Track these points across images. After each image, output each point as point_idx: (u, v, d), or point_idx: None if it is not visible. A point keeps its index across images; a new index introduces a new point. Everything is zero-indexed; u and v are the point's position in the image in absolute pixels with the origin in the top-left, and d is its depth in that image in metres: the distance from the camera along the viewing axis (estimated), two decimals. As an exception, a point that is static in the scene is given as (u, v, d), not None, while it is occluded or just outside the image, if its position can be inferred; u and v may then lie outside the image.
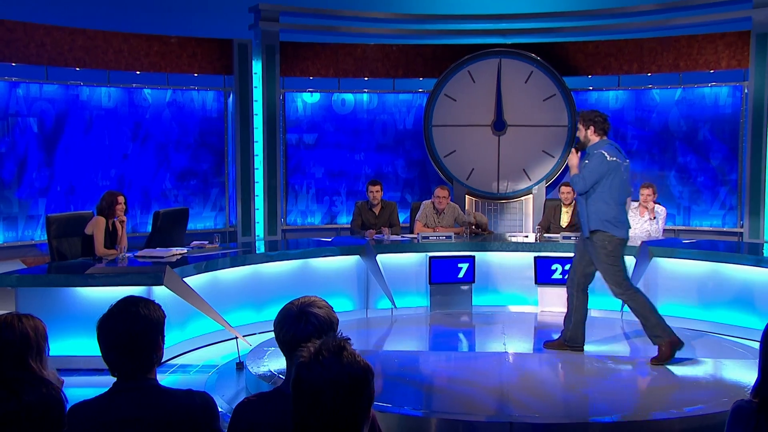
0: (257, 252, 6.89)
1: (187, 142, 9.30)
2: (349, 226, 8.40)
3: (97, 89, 8.70)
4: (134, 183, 9.02)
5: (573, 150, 5.31)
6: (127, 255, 6.04)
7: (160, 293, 5.33)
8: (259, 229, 9.35)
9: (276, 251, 6.85)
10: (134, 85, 8.93)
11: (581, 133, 5.24)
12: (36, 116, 8.25)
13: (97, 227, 6.26)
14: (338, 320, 2.27)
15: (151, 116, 9.08)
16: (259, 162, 9.31)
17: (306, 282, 6.70)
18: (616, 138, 9.37)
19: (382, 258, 6.89)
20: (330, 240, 7.44)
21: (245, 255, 6.50)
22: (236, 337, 5.59)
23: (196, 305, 5.50)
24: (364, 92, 9.77)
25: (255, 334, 6.24)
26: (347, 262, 6.91)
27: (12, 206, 8.14)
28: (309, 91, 9.69)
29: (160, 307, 2.27)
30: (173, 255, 6.16)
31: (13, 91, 8.06)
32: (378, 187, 7.72)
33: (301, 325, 2.17)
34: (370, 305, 6.96)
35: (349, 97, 9.75)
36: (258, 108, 9.25)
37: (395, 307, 6.82)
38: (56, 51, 8.40)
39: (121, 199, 6.42)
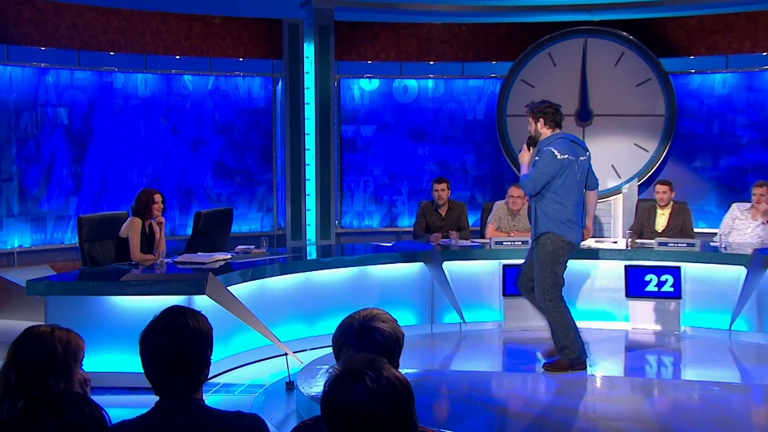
0: (309, 258, 6.94)
1: (231, 135, 9.45)
2: (411, 229, 8.40)
3: (132, 76, 8.91)
4: (173, 180, 9.21)
5: (525, 146, 5.50)
6: (165, 260, 6.16)
7: (202, 303, 5.42)
8: (311, 233, 9.43)
9: (330, 257, 6.89)
10: (173, 71, 9.12)
11: (531, 127, 5.43)
12: (66, 106, 8.50)
13: (132, 229, 6.41)
14: (404, 335, 2.28)
15: (192, 106, 9.25)
16: (310, 157, 9.39)
17: (363, 292, 6.73)
18: (723, 128, 9.14)
19: (449, 266, 6.88)
20: (390, 245, 7.45)
21: (295, 261, 6.56)
22: (286, 354, 5.64)
23: (242, 317, 5.58)
24: (429, 78, 9.76)
25: (306, 350, 6.28)
26: (410, 270, 6.92)
27: (40, 206, 8.40)
28: (367, 77, 9.74)
29: (206, 318, 2.30)
30: (216, 261, 6.25)
31: (42, 78, 8.32)
32: (444, 186, 7.71)
33: (365, 341, 2.19)
34: (436, 319, 6.96)
35: (412, 83, 9.76)
36: (310, 96, 9.33)
37: (464, 321, 6.80)
38: (89, 33, 8.65)
39: (158, 197, 6.56)
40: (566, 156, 5.30)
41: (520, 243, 7.02)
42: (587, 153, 5.50)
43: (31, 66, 8.22)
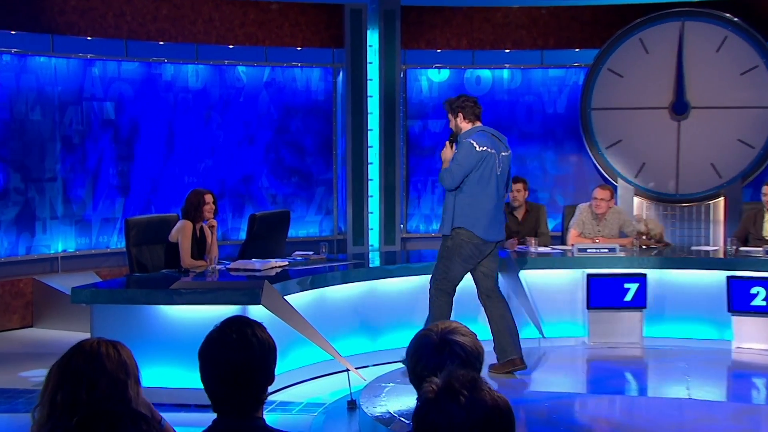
0: (372, 265, 6.97)
1: (288, 131, 9.54)
2: (484, 234, 8.35)
3: (183, 67, 9.07)
4: (225, 180, 9.34)
5: (447, 143, 5.74)
6: (217, 267, 6.23)
7: (256, 314, 5.47)
8: (374, 238, 9.46)
9: (395, 264, 6.89)
10: (226, 62, 9.25)
11: (451, 123, 5.71)
12: (113, 100, 8.69)
13: (182, 233, 6.50)
14: (484, 350, 2.28)
15: (246, 99, 9.37)
16: (374, 155, 9.43)
17: (431, 303, 6.71)
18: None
19: (526, 275, 6.84)
20: (461, 252, 7.42)
21: (357, 269, 6.59)
22: (347, 370, 5.65)
23: (300, 330, 5.61)
24: (505, 67, 9.71)
25: (369, 366, 6.30)
26: (483, 279, 6.89)
27: (85, 207, 8.61)
28: (436, 67, 9.73)
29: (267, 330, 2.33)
30: (272, 268, 6.30)
31: (88, 70, 8.53)
32: (521, 186, 7.66)
33: (445, 356, 2.19)
34: (512, 334, 6.91)
35: (485, 73, 9.72)
36: (374, 88, 9.37)
37: (544, 336, 6.74)
38: (137, 22, 8.83)
39: (209, 198, 6.64)
40: (485, 148, 5.55)
41: (606, 250, 6.94)
42: (509, 151, 5.78)
43: (77, 57, 8.42)
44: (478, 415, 1.69)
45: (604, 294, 6.77)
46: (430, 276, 5.86)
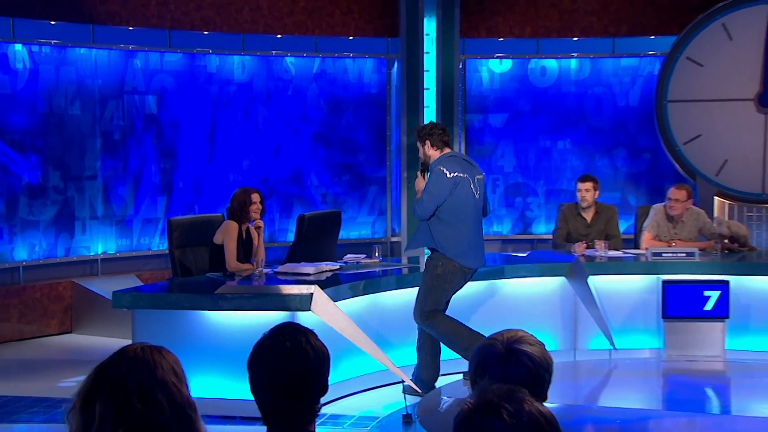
0: (429, 270, 6.96)
1: (339, 126, 9.57)
2: (550, 236, 8.34)
3: (228, 58, 9.15)
4: (273, 178, 9.40)
5: (419, 173, 6.01)
6: (264, 270, 6.27)
7: (306, 321, 5.49)
8: (430, 240, 9.44)
9: (453, 269, 6.86)
10: (274, 52, 9.31)
11: (420, 152, 5.98)
12: (155, 93, 8.81)
13: (228, 235, 6.55)
14: (553, 361, 2.28)
15: (294, 92, 9.42)
16: (430, 151, 9.40)
17: (492, 311, 6.71)
18: None
19: (596, 281, 6.79)
20: (524, 255, 7.40)
21: (413, 273, 6.58)
22: (403, 381, 5.66)
23: (352, 338, 5.62)
24: (573, 57, 9.62)
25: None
26: (548, 285, 6.87)
27: (126, 207, 8.73)
28: (498, 57, 9.68)
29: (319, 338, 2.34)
30: (322, 272, 6.33)
31: (129, 62, 8.65)
32: (590, 185, 7.61)
33: (511, 367, 2.20)
34: (580, 345, 6.88)
35: (551, 63, 9.65)
36: (431, 80, 9.36)
37: (615, 348, 6.68)
38: (181, 11, 8.94)
39: (256, 197, 6.68)
40: (456, 174, 5.76)
41: (683, 255, 6.89)
42: (483, 174, 6.02)
43: (118, 48, 8.55)
44: (524, 428, 1.68)
45: (681, 302, 6.68)
46: (414, 310, 5.96)
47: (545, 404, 2.09)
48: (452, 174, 5.76)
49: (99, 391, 2.28)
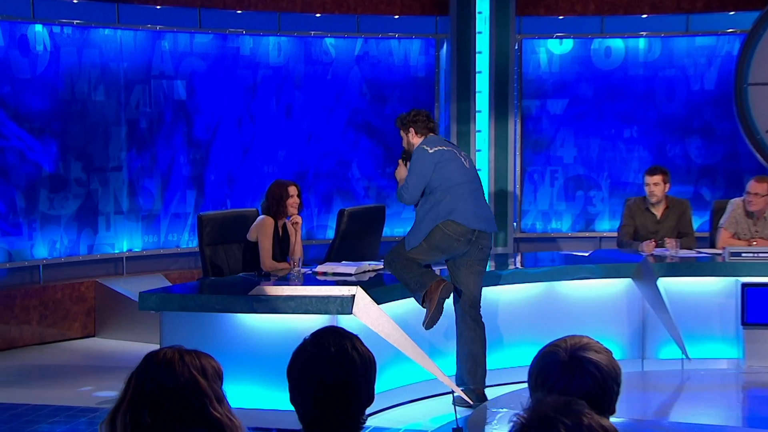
0: (481, 270, 6.94)
1: (383, 113, 9.56)
2: (614, 235, 8.27)
3: (263, 40, 9.18)
4: (311, 170, 9.42)
5: (400, 161, 6.15)
6: (302, 270, 6.29)
7: (347, 325, 5.47)
8: (482, 238, 9.41)
9: (507, 270, 6.86)
10: (312, 33, 9.33)
11: (404, 140, 6.12)
12: (185, 78, 8.86)
13: (262, 231, 6.58)
14: (621, 370, 2.26)
15: (335, 76, 9.43)
16: (482, 141, 9.39)
17: (551, 316, 6.69)
18: None
19: (666, 283, 6.74)
20: (587, 255, 7.39)
21: (465, 274, 6.55)
22: (452, 392, 5.64)
23: (397, 344, 5.61)
24: (641, 36, 9.54)
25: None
26: (612, 288, 6.85)
27: (153, 201, 8.80)
28: (557, 37, 9.62)
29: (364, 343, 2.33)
30: (365, 271, 6.33)
31: (156, 43, 8.71)
32: (659, 178, 7.55)
33: (576, 377, 2.17)
34: (648, 353, 6.85)
35: (617, 43, 9.57)
36: (483, 63, 9.33)
37: (688, 357, 6.62)
38: (212, -11, 8.98)
39: (293, 190, 6.69)
40: (438, 147, 5.89)
41: (765, 255, 6.81)
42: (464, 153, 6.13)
43: (145, 29, 8.61)
44: None
45: (763, 308, 6.61)
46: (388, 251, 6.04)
47: (611, 419, 2.07)
48: (434, 149, 5.87)
49: (123, 401, 2.28)
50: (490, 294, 6.57)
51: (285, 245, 6.71)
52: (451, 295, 5.84)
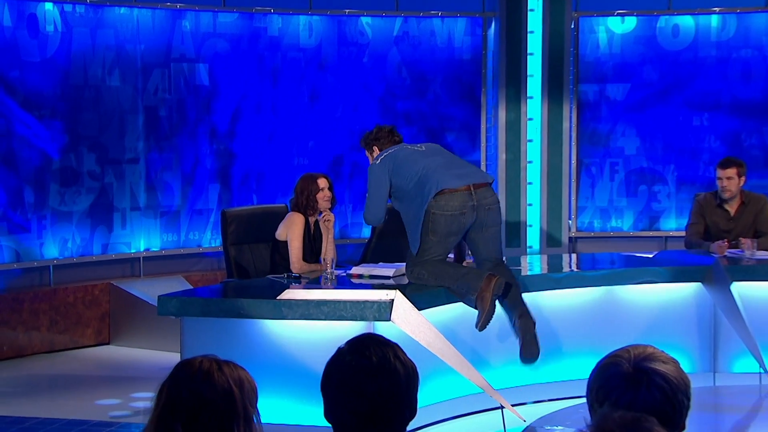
0: (531, 273, 6.94)
1: (424, 99, 9.55)
2: (682, 234, 8.23)
3: (293, 19, 9.20)
4: (345, 163, 9.42)
5: None
6: (335, 272, 6.28)
7: (385, 332, 5.47)
8: (533, 237, 9.43)
9: (562, 273, 6.90)
10: (347, 11, 9.33)
11: (371, 160, 6.21)
12: (207, 61, 8.89)
13: (292, 229, 6.57)
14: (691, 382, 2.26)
15: (371, 59, 9.43)
16: (534, 130, 9.37)
17: (612, 323, 6.66)
18: None
19: (741, 288, 6.66)
20: (651, 256, 7.36)
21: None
22: (501, 407, 5.62)
23: (440, 353, 5.60)
24: (714, 12, 9.46)
25: (528, 403, 6.28)
26: (680, 293, 6.82)
27: (172, 197, 8.84)
28: (618, 15, 9.57)
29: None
30: (403, 274, 6.31)
31: (177, 24, 8.75)
32: (733, 172, 7.51)
33: (642, 390, 2.17)
34: (720, 366, 6.82)
35: (686, 21, 9.50)
36: (535, 44, 9.31)
37: (766, 371, 6.54)
38: (237, -36, 9.01)
39: (323, 182, 6.67)
40: (386, 154, 6.00)
41: None
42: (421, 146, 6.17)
43: (164, 7, 8.65)
44: None
45: None
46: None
47: (682, 437, 2.06)
48: (381, 158, 6.00)
49: (173, 411, 2.30)
50: (543, 299, 6.56)
51: (317, 244, 6.71)
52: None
